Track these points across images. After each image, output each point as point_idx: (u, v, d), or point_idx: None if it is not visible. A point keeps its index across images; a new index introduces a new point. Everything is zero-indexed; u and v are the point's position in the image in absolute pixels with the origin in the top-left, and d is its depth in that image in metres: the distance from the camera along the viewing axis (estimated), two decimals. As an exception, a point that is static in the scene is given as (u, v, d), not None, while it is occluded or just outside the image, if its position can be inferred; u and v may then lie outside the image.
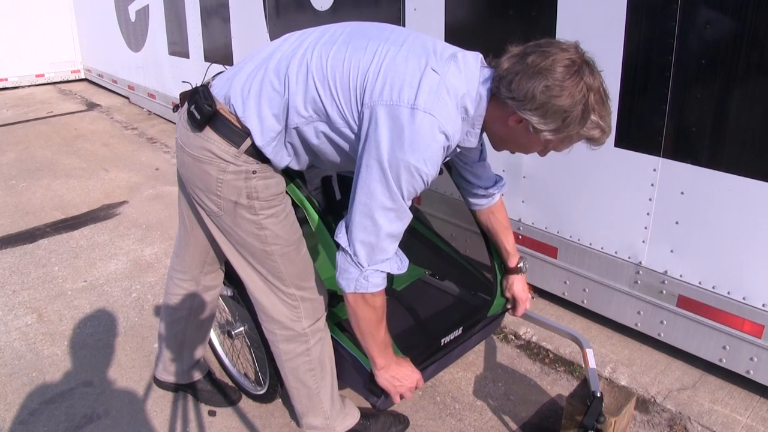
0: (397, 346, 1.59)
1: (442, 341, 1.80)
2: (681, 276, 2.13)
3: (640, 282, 2.27)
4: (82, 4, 8.27)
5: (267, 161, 1.47)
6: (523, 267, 1.89)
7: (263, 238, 1.54)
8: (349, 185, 1.43)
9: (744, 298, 1.98)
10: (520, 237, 2.63)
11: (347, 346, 1.74)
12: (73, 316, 2.72)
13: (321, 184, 2.09)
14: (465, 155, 1.67)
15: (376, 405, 1.69)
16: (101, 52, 8.06)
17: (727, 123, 1.87)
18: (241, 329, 2.03)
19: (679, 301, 2.16)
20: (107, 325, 2.65)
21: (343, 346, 1.75)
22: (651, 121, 2.05)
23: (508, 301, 1.93)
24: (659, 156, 2.07)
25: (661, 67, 1.97)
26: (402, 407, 2.09)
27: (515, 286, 1.89)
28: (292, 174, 1.65)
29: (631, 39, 2.04)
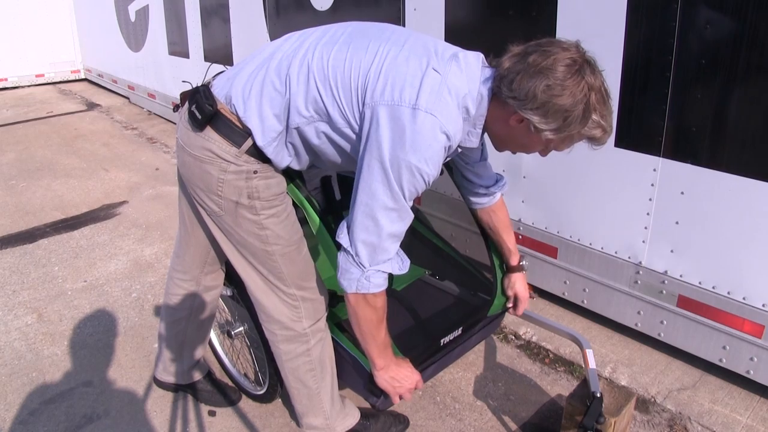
0: (396, 346, 1.59)
1: (442, 341, 1.80)
2: (681, 276, 2.14)
3: (640, 282, 2.27)
4: (82, 4, 8.27)
5: (268, 161, 1.47)
6: (524, 265, 1.90)
7: (264, 238, 1.54)
8: (349, 185, 1.43)
9: (744, 298, 1.98)
10: (520, 237, 2.63)
11: (347, 346, 1.74)
12: (73, 316, 2.72)
13: (321, 185, 2.09)
14: (466, 155, 1.67)
15: (375, 405, 1.69)
16: (101, 52, 8.06)
17: (727, 123, 1.88)
18: (241, 329, 2.03)
19: (679, 301, 2.16)
20: (107, 325, 2.65)
21: (343, 346, 1.75)
22: (651, 121, 2.06)
23: (509, 300, 1.94)
24: (659, 156, 2.07)
25: (661, 67, 1.98)
26: (402, 407, 2.09)
27: (517, 285, 1.90)
28: (291, 174, 1.65)
29: (631, 39, 2.04)
